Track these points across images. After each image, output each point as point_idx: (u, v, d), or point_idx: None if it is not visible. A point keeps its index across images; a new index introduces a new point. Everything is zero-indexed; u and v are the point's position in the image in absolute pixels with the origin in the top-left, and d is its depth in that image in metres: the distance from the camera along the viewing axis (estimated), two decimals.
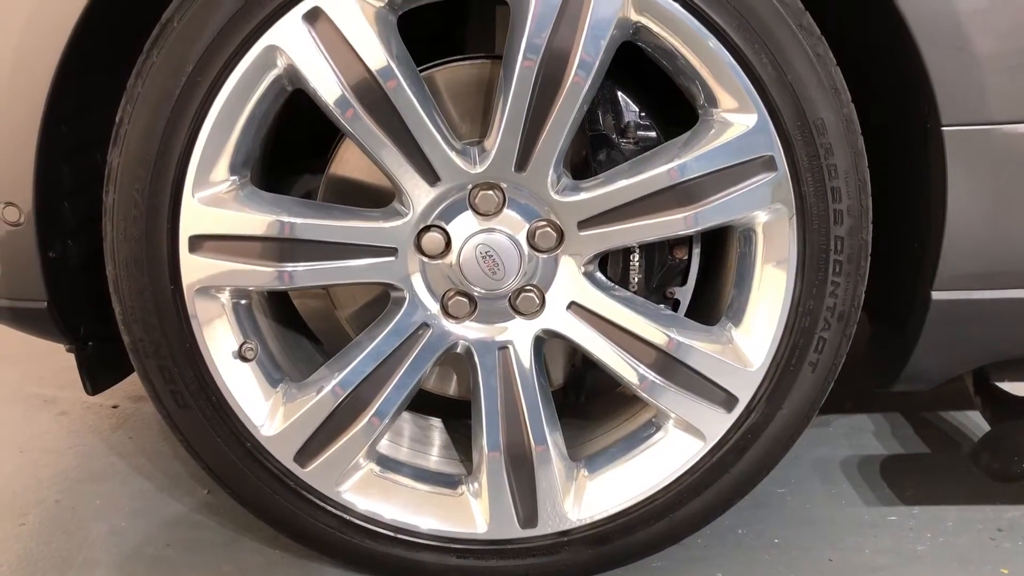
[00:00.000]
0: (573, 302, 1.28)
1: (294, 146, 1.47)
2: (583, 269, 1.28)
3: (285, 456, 1.30)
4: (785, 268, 1.25)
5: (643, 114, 1.33)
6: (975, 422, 1.86)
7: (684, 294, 1.38)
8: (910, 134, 1.27)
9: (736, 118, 1.20)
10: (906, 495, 1.61)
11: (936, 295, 1.30)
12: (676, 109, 1.29)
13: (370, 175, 1.36)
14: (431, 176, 1.22)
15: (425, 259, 1.26)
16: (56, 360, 2.09)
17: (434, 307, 1.28)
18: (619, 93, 1.33)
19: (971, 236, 1.26)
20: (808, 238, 1.23)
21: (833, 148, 1.20)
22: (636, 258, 1.35)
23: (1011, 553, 1.45)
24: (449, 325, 1.29)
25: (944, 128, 1.20)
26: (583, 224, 1.25)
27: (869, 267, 1.26)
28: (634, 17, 1.17)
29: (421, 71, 1.27)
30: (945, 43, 1.17)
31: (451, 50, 1.37)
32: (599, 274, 1.30)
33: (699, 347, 1.28)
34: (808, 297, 1.25)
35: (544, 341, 1.31)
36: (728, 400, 1.29)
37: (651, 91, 1.33)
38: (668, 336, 1.27)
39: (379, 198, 1.33)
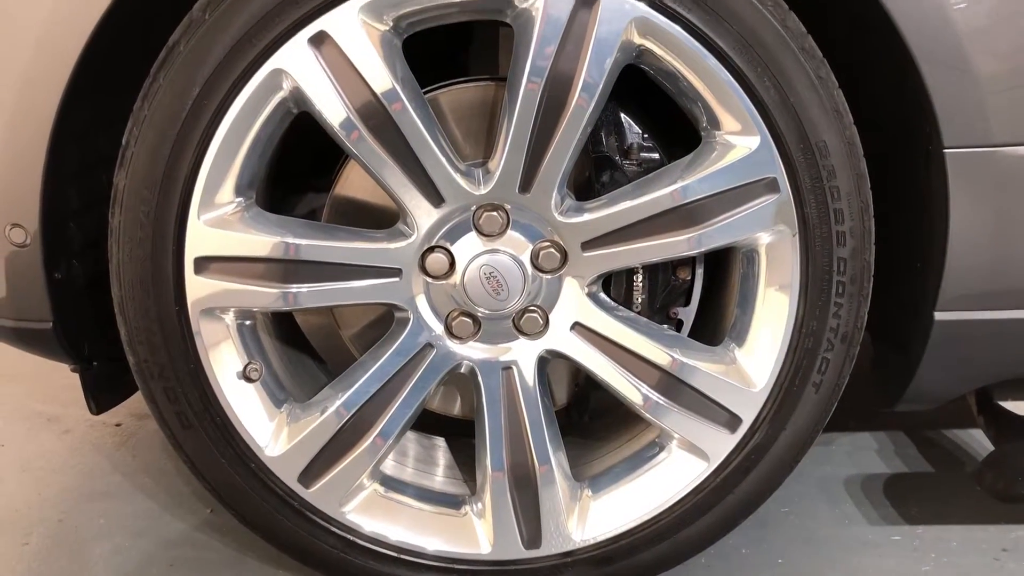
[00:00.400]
0: (577, 323, 1.29)
1: (298, 164, 1.47)
2: (587, 290, 1.28)
3: (289, 476, 1.30)
4: (788, 289, 1.25)
5: (646, 136, 1.34)
6: (978, 440, 1.86)
7: (687, 314, 1.38)
8: (912, 156, 1.27)
9: (739, 140, 1.21)
10: (910, 514, 1.61)
11: (939, 315, 1.31)
12: (679, 131, 1.30)
13: (375, 196, 1.37)
14: (435, 197, 1.23)
15: (429, 280, 1.27)
16: (59, 378, 2.10)
17: (438, 327, 1.29)
18: (622, 115, 1.34)
19: (974, 257, 1.26)
20: (811, 259, 1.24)
21: (836, 170, 1.21)
22: (640, 278, 1.35)
23: (1015, 573, 1.44)
24: (453, 345, 1.29)
25: (946, 150, 1.21)
26: (587, 245, 1.25)
27: (872, 287, 1.27)
28: (637, 40, 1.18)
29: (425, 93, 1.28)
30: (947, 65, 1.18)
31: (455, 72, 1.38)
32: (603, 295, 1.31)
33: (702, 367, 1.28)
34: (811, 318, 1.25)
35: (548, 361, 1.31)
36: (732, 420, 1.29)
37: (654, 113, 1.34)
38: (671, 356, 1.27)
39: (384, 219, 1.34)
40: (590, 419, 1.48)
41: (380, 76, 1.17)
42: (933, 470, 1.77)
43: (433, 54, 1.39)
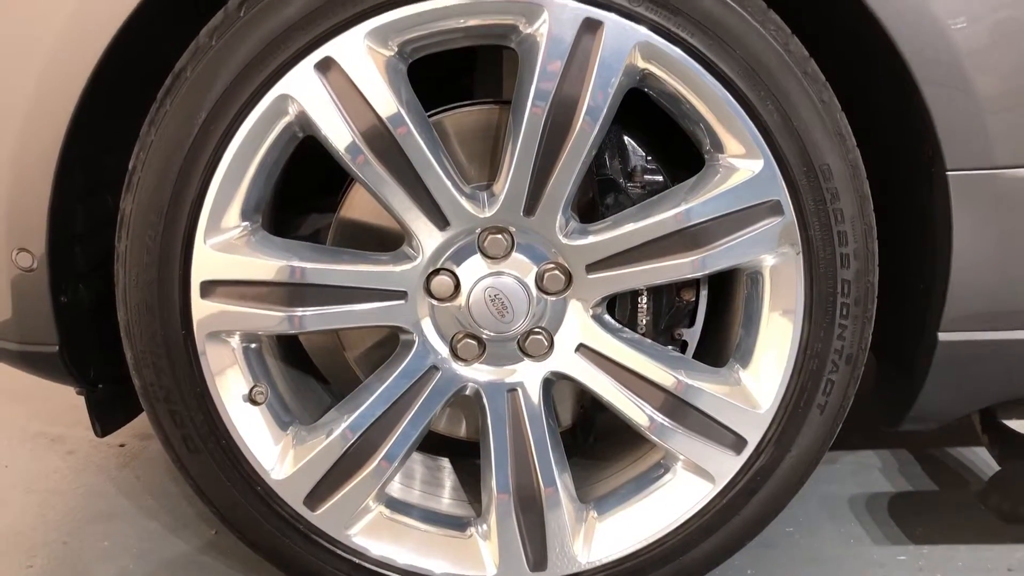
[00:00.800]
0: (582, 344, 1.29)
1: (302, 185, 1.48)
2: (591, 312, 1.28)
3: (295, 500, 1.30)
4: (792, 311, 1.25)
5: (650, 158, 1.35)
6: (982, 458, 1.86)
7: (692, 335, 1.39)
8: (915, 177, 1.28)
9: (742, 163, 1.21)
10: (915, 534, 1.60)
11: (943, 336, 1.31)
12: (683, 153, 1.30)
13: (380, 218, 1.37)
14: (441, 220, 1.23)
15: (434, 302, 1.27)
16: (63, 398, 2.09)
17: (443, 350, 1.29)
18: (626, 137, 1.34)
19: (977, 278, 1.27)
20: (815, 281, 1.24)
21: (839, 193, 1.21)
22: (644, 300, 1.35)
23: None
24: (458, 368, 1.29)
25: (949, 172, 1.22)
26: (591, 267, 1.26)
27: (876, 308, 1.27)
28: (641, 64, 1.19)
29: (430, 116, 1.29)
30: (948, 87, 1.19)
31: (459, 95, 1.39)
32: (607, 316, 1.31)
33: (707, 389, 1.28)
34: (816, 340, 1.26)
35: (553, 383, 1.32)
36: (737, 442, 1.29)
37: (658, 135, 1.35)
38: (676, 378, 1.27)
39: (388, 241, 1.34)
40: (595, 440, 1.48)
41: (385, 101, 1.18)
42: (937, 488, 1.77)
43: (437, 77, 1.40)
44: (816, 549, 1.57)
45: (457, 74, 1.55)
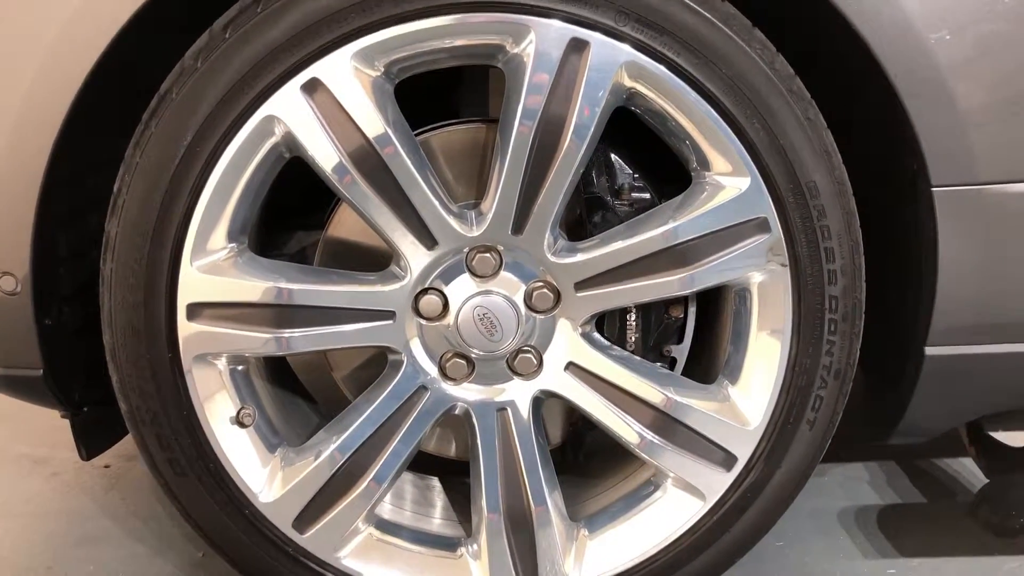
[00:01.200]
0: (571, 362, 1.29)
1: (289, 203, 1.47)
2: (580, 329, 1.28)
3: (283, 522, 1.29)
4: (780, 328, 1.26)
5: (637, 176, 1.35)
6: (970, 470, 1.87)
7: (681, 352, 1.39)
8: (901, 194, 1.29)
9: (729, 181, 1.22)
10: (904, 547, 1.61)
11: (930, 351, 1.32)
12: (670, 171, 1.30)
13: (367, 237, 1.37)
14: (428, 240, 1.23)
15: (423, 322, 1.27)
16: (46, 419, 2.06)
17: (432, 370, 1.28)
18: (614, 155, 1.34)
19: (963, 293, 1.27)
20: (803, 298, 1.24)
21: (826, 210, 1.22)
22: (633, 317, 1.36)
23: None
24: (448, 387, 1.29)
25: (934, 189, 1.22)
26: (580, 285, 1.26)
27: (864, 324, 1.27)
28: (627, 83, 1.19)
29: (417, 135, 1.29)
30: (932, 103, 1.20)
31: (447, 113, 1.39)
32: (596, 334, 1.31)
33: (696, 406, 1.28)
34: (804, 356, 1.26)
35: (543, 401, 1.31)
36: (727, 459, 1.29)
37: (646, 153, 1.35)
38: (665, 395, 1.27)
39: (376, 260, 1.34)
40: (585, 458, 1.47)
41: (372, 121, 1.17)
42: (926, 501, 1.78)
43: (425, 95, 1.40)
44: (806, 564, 1.57)
45: (445, 92, 1.55)
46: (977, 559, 1.57)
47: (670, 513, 1.32)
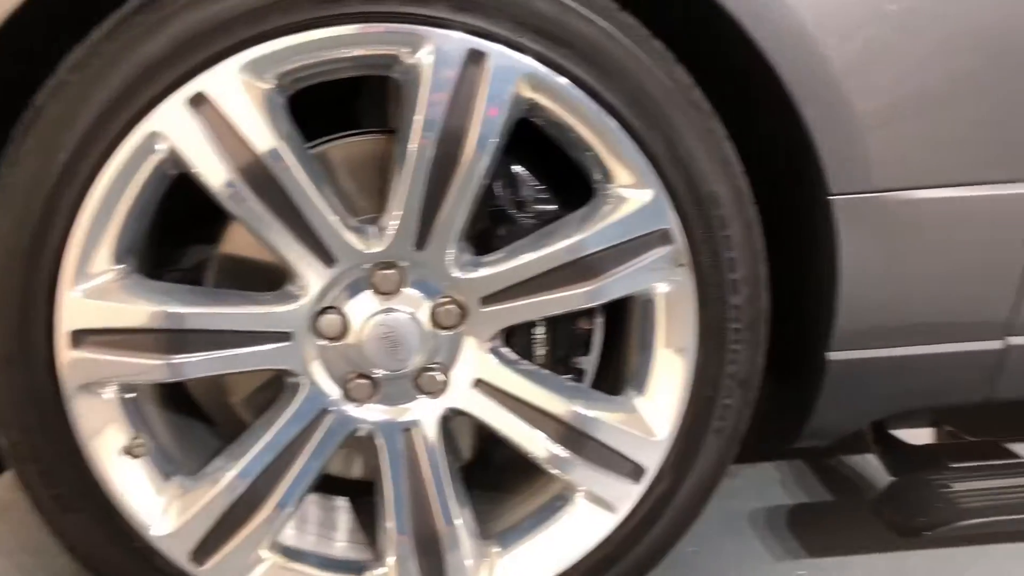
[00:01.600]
0: (478, 379, 1.26)
1: (180, 216, 1.41)
2: (488, 345, 1.26)
3: (180, 555, 1.23)
4: (685, 338, 1.26)
5: (543, 188, 1.33)
6: (876, 466, 1.90)
7: (589, 363, 1.38)
8: (802, 203, 1.30)
9: (632, 193, 1.21)
10: (813, 546, 1.63)
11: (832, 355, 1.34)
12: (577, 182, 1.29)
13: (264, 253, 1.31)
14: (326, 257, 1.19)
15: (323, 342, 1.22)
16: None
17: (335, 391, 1.24)
18: (519, 167, 1.32)
19: (863, 299, 1.29)
20: (707, 308, 1.24)
21: (727, 220, 1.22)
22: (540, 330, 1.34)
23: None
24: (351, 409, 1.25)
25: (833, 197, 1.24)
26: (486, 300, 1.23)
27: (768, 331, 1.28)
28: (528, 94, 1.17)
29: (316, 146, 1.25)
30: (829, 113, 1.21)
31: (351, 122, 1.35)
32: (504, 349, 1.28)
33: (604, 419, 1.27)
34: (709, 366, 1.26)
35: (451, 419, 1.28)
36: (636, 471, 1.28)
37: (551, 164, 1.33)
38: (573, 409, 1.26)
39: (275, 276, 1.29)
40: (497, 473, 1.45)
41: (262, 136, 1.13)
42: (834, 498, 1.81)
43: (326, 104, 1.35)
44: (718, 568, 1.58)
45: (349, 100, 1.50)
46: (883, 555, 1.60)
47: (581, 527, 1.31)
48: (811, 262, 1.31)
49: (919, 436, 1.64)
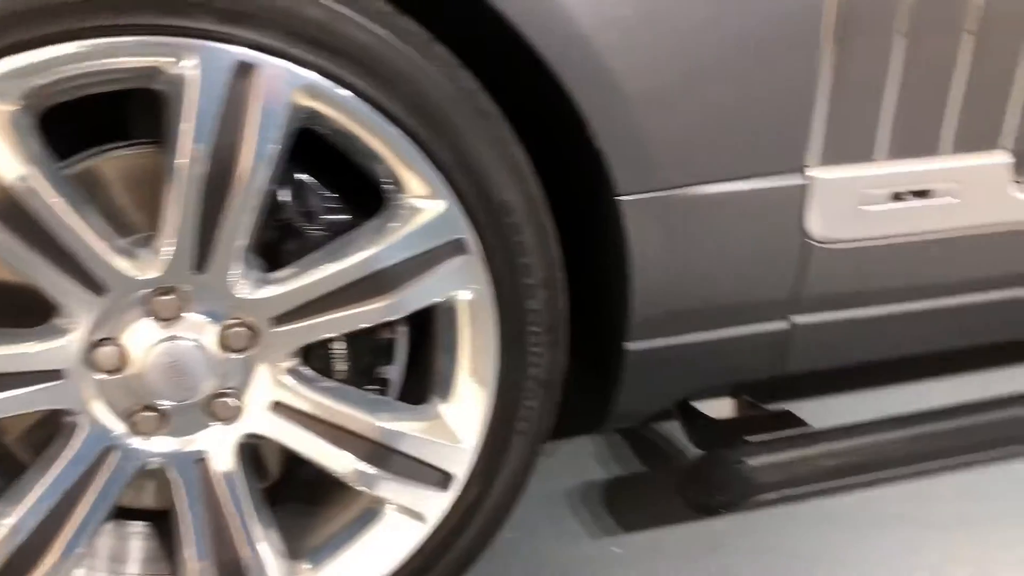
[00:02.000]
0: (275, 402, 1.22)
1: None
2: (284, 365, 1.21)
3: None
4: (486, 344, 1.25)
5: (334, 196, 1.28)
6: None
7: (394, 373, 1.35)
8: (593, 204, 1.31)
9: (424, 203, 1.18)
10: (628, 521, 1.69)
11: (630, 346, 1.37)
12: (372, 191, 1.24)
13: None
14: (95, 286, 1.10)
15: (101, 376, 1.14)
16: None
17: (119, 427, 1.17)
18: (307, 176, 1.26)
19: (655, 292, 1.33)
20: (506, 314, 1.24)
21: (520, 227, 1.21)
22: (339, 344, 1.30)
23: (716, 572, 1.56)
24: (139, 444, 1.18)
25: (621, 198, 1.25)
26: (279, 320, 1.18)
27: (568, 331, 1.30)
28: (306, 104, 1.11)
29: (81, 161, 1.15)
30: (611, 115, 1.21)
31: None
32: (303, 368, 1.24)
33: (410, 430, 1.26)
34: (511, 369, 1.27)
35: (249, 445, 1.23)
36: (444, 479, 1.28)
37: (343, 173, 1.28)
38: (378, 424, 1.24)
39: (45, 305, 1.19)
40: (306, 490, 1.41)
41: (7, 164, 1.02)
42: (647, 469, 1.88)
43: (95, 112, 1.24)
44: (537, 553, 1.61)
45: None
46: (692, 525, 1.67)
47: (392, 539, 1.30)
48: (605, 259, 1.33)
49: (720, 408, 1.71)
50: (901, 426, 1.56)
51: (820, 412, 1.68)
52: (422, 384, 1.36)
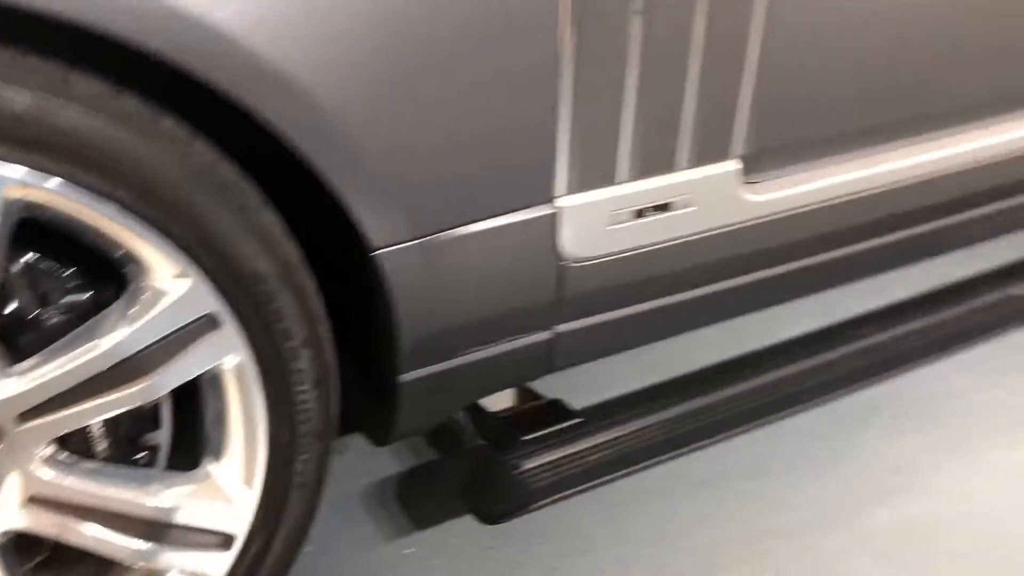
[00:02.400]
0: (32, 496, 1.17)
1: None
2: (38, 456, 1.16)
3: None
4: (254, 409, 1.25)
5: (73, 273, 1.19)
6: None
7: (161, 437, 1.32)
8: (354, 257, 1.30)
9: (170, 284, 1.14)
10: (420, 518, 1.75)
11: (403, 377, 1.41)
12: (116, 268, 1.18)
13: None
14: None
15: None
16: None
17: None
18: (38, 259, 1.17)
19: (421, 328, 1.36)
20: (270, 378, 1.24)
21: (274, 293, 1.20)
22: (97, 424, 1.25)
23: (503, 560, 1.65)
24: None
25: (377, 252, 1.26)
26: (26, 416, 1.13)
27: (339, 381, 1.31)
28: (17, 196, 1.03)
29: None
30: (351, 174, 1.19)
31: None
32: (59, 455, 1.19)
33: (184, 499, 1.25)
34: (282, 428, 1.27)
35: (12, 541, 1.19)
36: (225, 540, 1.29)
37: (82, 251, 1.20)
38: (149, 502, 1.22)
39: None
40: (80, 560, 1.38)
41: None
42: (440, 456, 1.93)
43: None
44: (331, 563, 1.65)
45: None
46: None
47: None
48: (372, 303, 1.35)
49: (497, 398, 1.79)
50: (661, 408, 1.70)
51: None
52: (192, 444, 1.35)
